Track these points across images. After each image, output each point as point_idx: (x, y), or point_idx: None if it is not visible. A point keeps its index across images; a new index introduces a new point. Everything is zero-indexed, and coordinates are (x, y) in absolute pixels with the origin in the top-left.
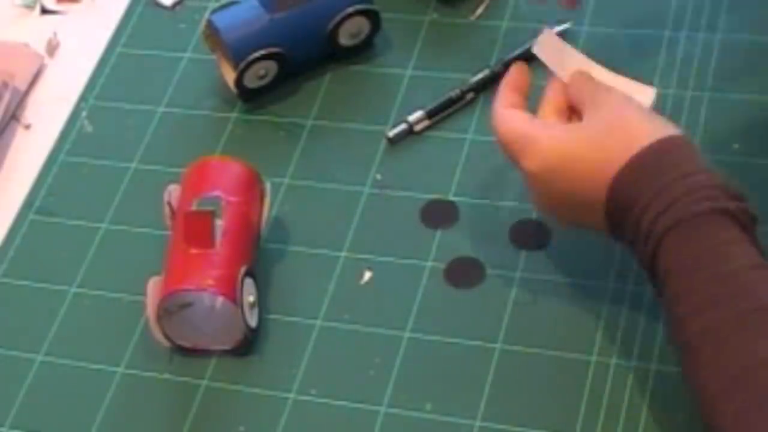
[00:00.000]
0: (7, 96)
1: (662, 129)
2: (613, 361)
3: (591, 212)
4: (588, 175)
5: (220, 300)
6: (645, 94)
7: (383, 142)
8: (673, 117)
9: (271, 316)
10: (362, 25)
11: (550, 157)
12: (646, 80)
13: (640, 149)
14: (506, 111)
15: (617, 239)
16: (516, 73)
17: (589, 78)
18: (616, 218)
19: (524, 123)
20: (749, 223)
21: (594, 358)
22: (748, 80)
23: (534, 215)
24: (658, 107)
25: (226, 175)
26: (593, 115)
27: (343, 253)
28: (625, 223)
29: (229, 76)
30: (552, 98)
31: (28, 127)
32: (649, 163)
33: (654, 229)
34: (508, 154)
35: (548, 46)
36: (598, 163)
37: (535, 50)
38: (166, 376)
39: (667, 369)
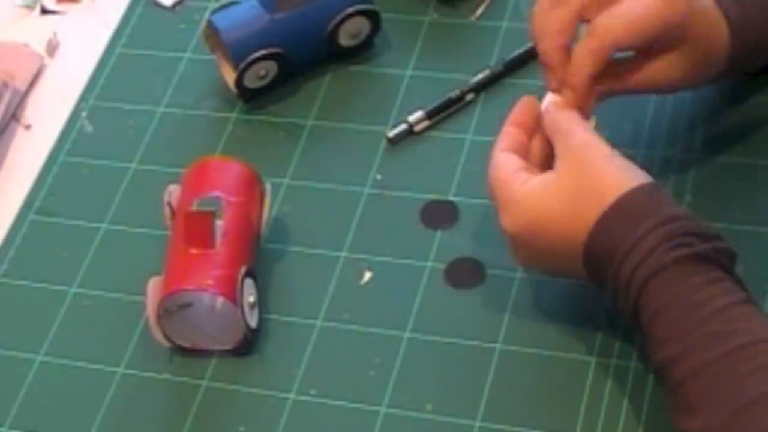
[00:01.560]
0: (7, 96)
1: (631, 179)
2: (613, 361)
3: (570, 266)
4: (563, 232)
5: (220, 300)
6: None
7: (383, 142)
8: (672, 122)
9: (271, 316)
10: (362, 25)
11: (526, 217)
12: None
13: (611, 204)
14: (501, 155)
15: (599, 289)
16: (520, 110)
17: (560, 111)
18: (595, 273)
19: (509, 177)
20: (728, 261)
21: (594, 358)
22: (749, 81)
23: None
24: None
25: (226, 175)
26: (563, 165)
27: (343, 253)
28: (604, 277)
29: (229, 76)
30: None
31: (28, 127)
32: (621, 217)
33: (634, 279)
34: (493, 199)
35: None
36: (572, 221)
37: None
38: (166, 376)
39: None
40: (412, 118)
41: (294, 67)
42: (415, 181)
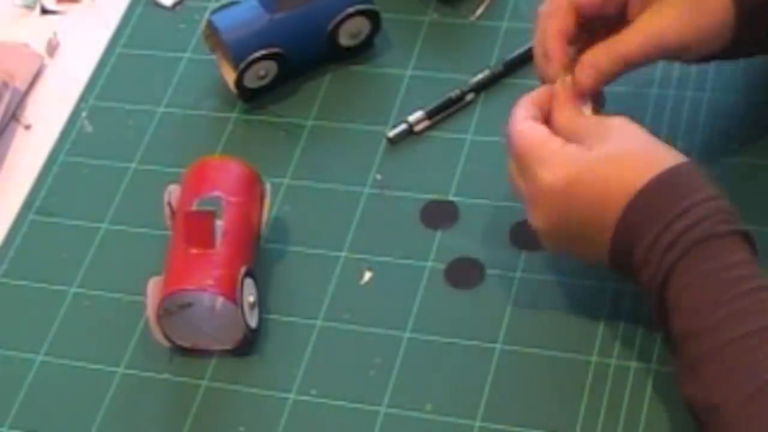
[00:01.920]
0: (7, 96)
1: (665, 159)
2: (613, 361)
3: (591, 238)
4: (602, 197)
5: (220, 300)
6: None
7: (383, 142)
8: (673, 117)
9: (271, 316)
10: (362, 25)
11: (571, 170)
12: (647, 81)
13: (658, 174)
14: (527, 122)
15: (617, 267)
16: (544, 93)
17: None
18: (625, 244)
19: (546, 135)
20: (753, 243)
21: (594, 358)
22: (748, 80)
23: None
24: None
25: (226, 175)
26: (601, 143)
27: (343, 253)
28: (635, 247)
29: (229, 76)
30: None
31: (28, 127)
32: (666, 189)
33: (676, 246)
34: (524, 162)
35: None
36: (615, 183)
37: None
38: (166, 376)
39: (667, 369)
40: (412, 118)
41: (294, 67)
42: (415, 181)
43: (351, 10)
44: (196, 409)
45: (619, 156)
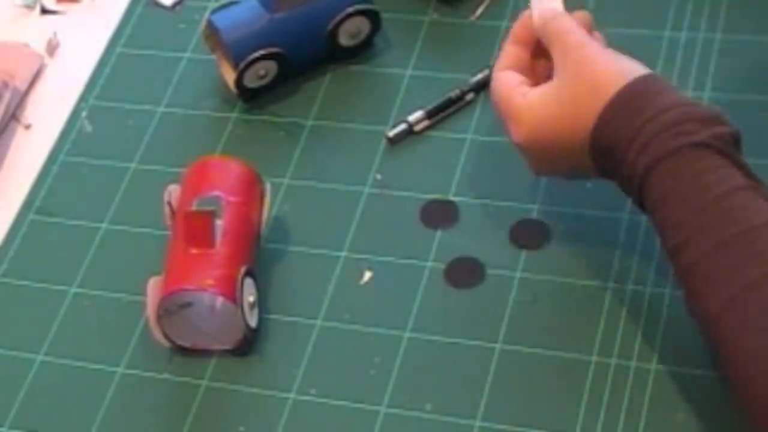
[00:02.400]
0: (7, 96)
1: (629, 71)
2: (613, 361)
3: (580, 165)
4: (568, 133)
5: (220, 300)
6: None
7: (383, 142)
8: None
9: (271, 316)
10: (362, 25)
11: (532, 127)
12: None
13: (610, 98)
14: (500, 74)
15: (613, 181)
16: (519, 27)
17: (553, 18)
18: (602, 166)
19: (510, 92)
20: (730, 144)
21: (594, 358)
22: (748, 80)
23: (534, 215)
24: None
25: (226, 175)
26: (561, 68)
27: (343, 253)
28: (610, 169)
29: (229, 76)
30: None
31: (28, 127)
32: (621, 109)
33: (635, 170)
34: (499, 114)
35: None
36: (575, 120)
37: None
38: (166, 376)
39: (667, 369)
40: (411, 117)
41: (294, 66)
42: (415, 181)
43: (351, 10)
44: (196, 409)
45: (575, 84)
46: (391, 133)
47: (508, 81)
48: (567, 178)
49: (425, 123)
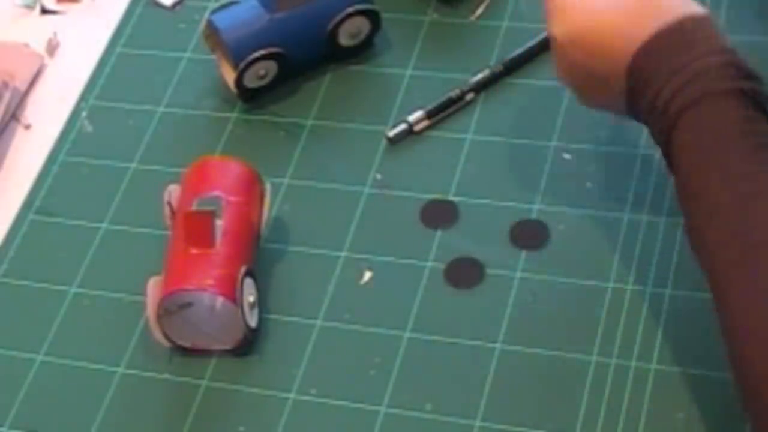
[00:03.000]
0: (7, 96)
1: (689, 6)
2: (613, 360)
3: (609, 85)
4: (611, 43)
5: (220, 300)
6: None
7: (383, 142)
8: None
9: (271, 316)
10: (362, 25)
11: (576, 23)
12: None
13: (666, 24)
14: None
15: (634, 116)
16: None
17: None
18: (635, 91)
19: None
20: (763, 102)
21: (594, 358)
22: None
23: (534, 215)
24: None
25: (226, 175)
26: None
27: (343, 253)
28: (642, 98)
29: (229, 76)
30: None
31: (28, 127)
32: (673, 39)
33: (671, 105)
34: (546, 8)
35: None
36: (623, 32)
37: None
38: (166, 376)
39: (667, 369)
40: (411, 117)
41: (294, 67)
42: (415, 181)
43: (351, 10)
44: (196, 409)
45: (629, 3)
46: (391, 133)
47: None
48: (587, 99)
49: (425, 123)
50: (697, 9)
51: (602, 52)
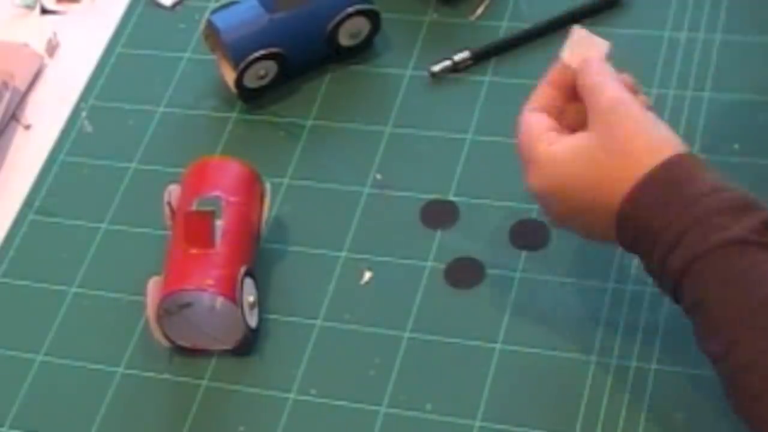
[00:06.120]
0: (7, 96)
1: (666, 147)
2: (613, 361)
3: (601, 231)
4: (590, 199)
5: (220, 300)
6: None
7: (383, 142)
8: (673, 117)
9: (271, 316)
10: (362, 25)
11: (553, 180)
12: (647, 81)
13: (644, 175)
14: (530, 115)
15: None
16: (557, 70)
17: (590, 68)
18: (627, 242)
19: (537, 136)
20: (763, 232)
21: (594, 358)
22: (748, 80)
23: (534, 215)
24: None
25: (226, 175)
26: (593, 126)
27: (343, 253)
28: (636, 247)
29: (229, 76)
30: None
31: (28, 127)
32: (654, 190)
33: (669, 264)
34: (521, 155)
35: (579, 46)
36: (599, 189)
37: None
38: (166, 376)
39: (667, 369)
40: (457, 57)
41: (294, 67)
42: (415, 180)
43: (351, 10)
44: (196, 409)
45: (608, 151)
46: (437, 68)
47: (537, 124)
48: (583, 238)
49: (469, 63)
50: (676, 146)
51: (584, 207)
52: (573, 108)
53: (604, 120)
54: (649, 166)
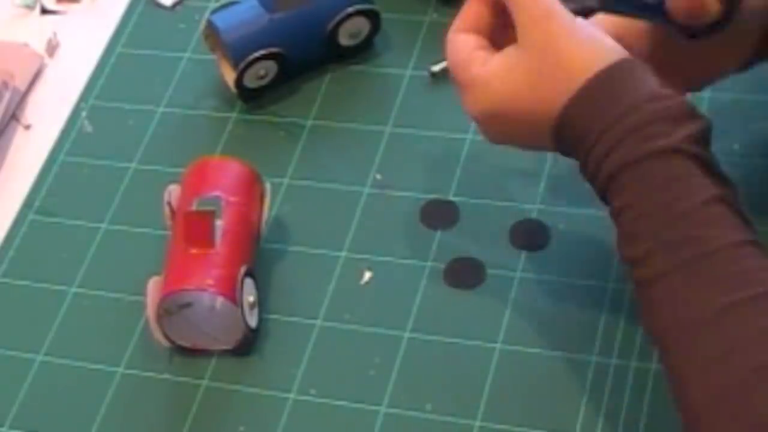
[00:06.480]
0: (7, 96)
1: (602, 56)
2: (613, 361)
3: (542, 144)
4: (528, 116)
5: (220, 300)
6: None
7: (383, 142)
8: None
9: (271, 316)
10: (362, 25)
11: (490, 102)
12: None
13: (579, 87)
14: (458, 36)
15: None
16: None
17: None
18: (566, 151)
19: (468, 57)
20: (701, 143)
21: (594, 358)
22: (748, 80)
23: (534, 215)
24: None
25: (226, 175)
26: (524, 39)
27: (343, 253)
28: (574, 156)
29: (229, 76)
30: None
31: (28, 127)
32: (591, 100)
33: (600, 171)
34: (454, 79)
35: None
36: (538, 101)
37: None
38: (166, 376)
39: None
40: None
41: (294, 67)
42: (415, 180)
43: (351, 10)
44: (196, 409)
45: (542, 66)
46: (437, 68)
47: (464, 44)
48: (523, 149)
49: None
50: (613, 54)
51: (522, 123)
52: (503, 23)
53: (536, 33)
54: (586, 75)
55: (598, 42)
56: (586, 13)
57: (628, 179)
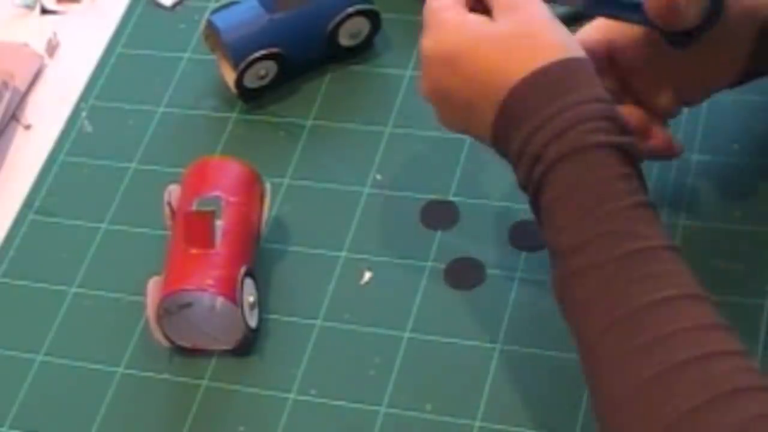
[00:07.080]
0: (7, 96)
1: (570, 48)
2: None
3: (473, 113)
4: (485, 75)
5: (220, 300)
6: None
7: (383, 142)
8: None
9: (271, 316)
10: (362, 25)
11: (449, 44)
12: None
13: (546, 64)
14: None
15: (497, 149)
16: None
17: None
18: (504, 129)
19: (445, 4)
20: (636, 157)
21: None
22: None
23: None
24: None
25: (226, 175)
26: (504, 15)
27: (343, 253)
28: (512, 138)
29: (229, 76)
30: None
31: (28, 127)
32: (551, 81)
33: (545, 153)
34: (423, 23)
35: None
36: (500, 65)
37: None
38: (166, 376)
39: None
40: None
41: (294, 67)
42: (415, 180)
43: (351, 10)
44: (196, 409)
45: (515, 34)
46: None
47: None
48: (446, 124)
49: None
50: (577, 52)
51: (472, 81)
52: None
53: (523, 12)
54: (555, 57)
55: (569, 37)
56: (576, 18)
57: (571, 167)
